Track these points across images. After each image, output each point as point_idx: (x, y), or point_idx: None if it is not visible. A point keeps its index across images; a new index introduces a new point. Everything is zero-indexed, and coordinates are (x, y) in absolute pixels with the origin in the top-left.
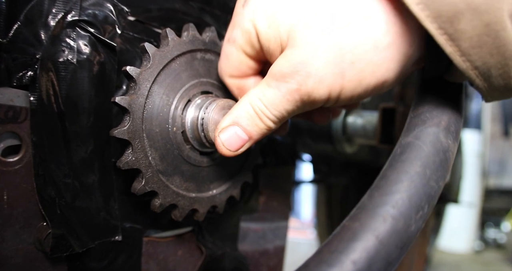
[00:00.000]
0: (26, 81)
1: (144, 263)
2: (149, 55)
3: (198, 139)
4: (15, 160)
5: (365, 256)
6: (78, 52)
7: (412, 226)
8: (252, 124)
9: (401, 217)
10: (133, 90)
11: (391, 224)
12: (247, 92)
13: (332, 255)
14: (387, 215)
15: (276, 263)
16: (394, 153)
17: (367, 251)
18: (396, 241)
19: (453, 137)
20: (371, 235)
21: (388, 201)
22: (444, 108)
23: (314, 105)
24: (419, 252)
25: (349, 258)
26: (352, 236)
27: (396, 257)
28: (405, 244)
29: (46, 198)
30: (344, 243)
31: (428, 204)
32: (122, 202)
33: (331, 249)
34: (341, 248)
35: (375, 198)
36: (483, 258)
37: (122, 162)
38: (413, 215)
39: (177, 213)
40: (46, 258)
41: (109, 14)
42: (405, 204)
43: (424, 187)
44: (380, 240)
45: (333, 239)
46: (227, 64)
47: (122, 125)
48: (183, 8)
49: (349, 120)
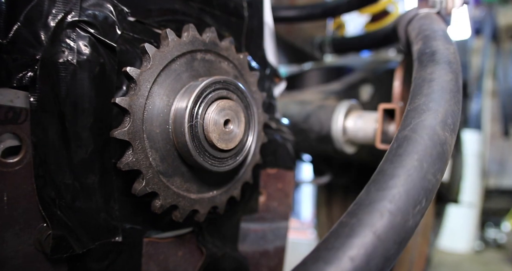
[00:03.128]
0: (26, 82)
1: (145, 263)
2: (149, 56)
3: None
4: (15, 161)
5: (363, 252)
6: (78, 53)
7: (410, 221)
8: None
9: (398, 212)
10: (134, 91)
11: (389, 219)
12: None
13: (329, 252)
14: (385, 210)
15: (276, 264)
16: (391, 147)
17: (364, 247)
18: (394, 236)
19: (451, 129)
20: (369, 231)
21: (385, 196)
22: (440, 101)
23: None
24: (419, 252)
25: (347, 254)
26: (349, 232)
27: (395, 252)
28: (403, 239)
29: (46, 198)
30: (341, 239)
31: (426, 198)
32: (122, 202)
33: (328, 246)
34: (338, 244)
35: (372, 193)
36: (483, 258)
37: (122, 163)
38: (411, 209)
39: (177, 214)
40: (46, 259)
41: (109, 15)
42: (402, 199)
43: (421, 180)
44: (378, 235)
45: (330, 236)
46: None
47: (123, 126)
48: (183, 9)
49: (349, 121)
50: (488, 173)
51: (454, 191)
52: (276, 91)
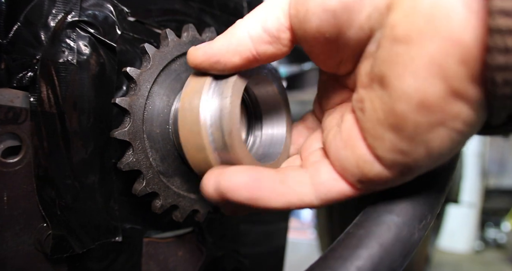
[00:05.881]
0: (26, 82)
1: (145, 263)
2: (149, 56)
3: None
4: (15, 161)
5: (370, 263)
6: (78, 53)
7: (415, 235)
8: None
9: (404, 225)
10: (134, 91)
11: (395, 232)
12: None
13: (337, 261)
14: (392, 223)
15: (276, 264)
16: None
17: (371, 258)
18: (400, 249)
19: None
20: (376, 242)
21: (393, 209)
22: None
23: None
24: (419, 252)
25: (354, 264)
26: (357, 243)
27: (399, 264)
28: (408, 252)
29: (46, 199)
30: (349, 249)
31: (431, 214)
32: (122, 202)
33: (335, 256)
34: (346, 254)
35: (379, 206)
36: (483, 258)
37: (123, 163)
38: (417, 224)
39: (178, 214)
40: (46, 259)
41: (109, 15)
42: (409, 213)
43: (428, 196)
44: (385, 247)
45: (337, 246)
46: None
47: (123, 126)
48: (183, 9)
49: None
50: (488, 173)
51: (454, 191)
52: None
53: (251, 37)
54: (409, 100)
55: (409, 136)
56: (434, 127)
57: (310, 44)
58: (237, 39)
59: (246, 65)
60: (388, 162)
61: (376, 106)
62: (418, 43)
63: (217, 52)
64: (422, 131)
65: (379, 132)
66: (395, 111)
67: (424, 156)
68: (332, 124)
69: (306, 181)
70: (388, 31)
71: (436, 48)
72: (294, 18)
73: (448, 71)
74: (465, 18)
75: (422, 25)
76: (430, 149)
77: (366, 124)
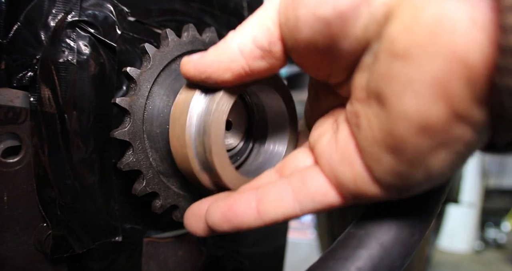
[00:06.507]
0: (26, 82)
1: (145, 263)
2: (149, 56)
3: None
4: (15, 161)
5: (370, 263)
6: (78, 52)
7: (415, 236)
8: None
9: (405, 226)
10: (134, 91)
11: (396, 232)
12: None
13: (337, 261)
14: (392, 224)
15: (276, 264)
16: None
17: (371, 258)
18: (400, 249)
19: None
20: (376, 242)
21: (392, 210)
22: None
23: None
24: (419, 252)
25: (355, 265)
26: (357, 243)
27: (399, 265)
28: (408, 253)
29: (46, 199)
30: (350, 250)
31: (431, 214)
32: (122, 202)
33: (335, 256)
34: (346, 255)
35: (380, 207)
36: (483, 258)
37: (123, 163)
38: (417, 224)
39: (178, 214)
40: (46, 259)
41: (109, 15)
42: (409, 214)
43: (428, 197)
44: (385, 248)
45: (337, 246)
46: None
47: (123, 126)
48: (183, 9)
49: None
50: (488, 173)
51: (454, 191)
52: None
53: (242, 53)
54: (409, 123)
55: (409, 159)
56: (435, 150)
57: (301, 55)
58: (228, 56)
59: (238, 81)
60: (386, 184)
61: (373, 125)
62: (418, 60)
63: (207, 68)
64: (423, 154)
65: (376, 153)
66: (393, 133)
67: (423, 178)
68: (324, 128)
69: (287, 194)
70: (386, 45)
71: (438, 66)
72: (284, 26)
73: (451, 92)
74: (471, 33)
75: (423, 40)
76: (430, 172)
77: (362, 143)
